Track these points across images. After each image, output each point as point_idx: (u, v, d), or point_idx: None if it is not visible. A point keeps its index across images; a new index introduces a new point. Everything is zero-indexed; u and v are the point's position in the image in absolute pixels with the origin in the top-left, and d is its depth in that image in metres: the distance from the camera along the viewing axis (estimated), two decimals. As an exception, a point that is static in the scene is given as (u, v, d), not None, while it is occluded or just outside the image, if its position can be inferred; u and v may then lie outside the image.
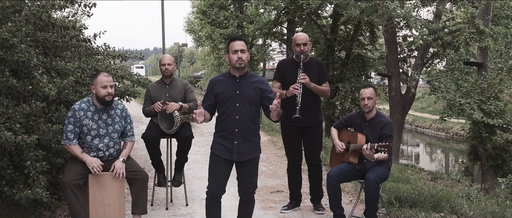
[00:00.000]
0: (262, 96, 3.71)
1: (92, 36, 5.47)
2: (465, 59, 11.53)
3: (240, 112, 3.66)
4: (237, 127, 3.66)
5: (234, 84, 3.70)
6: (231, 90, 3.68)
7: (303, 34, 4.89)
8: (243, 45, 3.67)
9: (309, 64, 4.79)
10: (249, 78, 3.74)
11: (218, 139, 3.76)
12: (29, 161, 3.88)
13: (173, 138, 5.08)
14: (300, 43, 4.75)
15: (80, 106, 3.99)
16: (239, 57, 3.63)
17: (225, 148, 3.71)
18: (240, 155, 3.70)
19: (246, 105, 3.67)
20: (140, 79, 6.00)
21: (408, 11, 11.17)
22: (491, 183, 10.71)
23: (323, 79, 4.83)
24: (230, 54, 3.68)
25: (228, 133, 3.70)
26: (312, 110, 4.80)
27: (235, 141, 3.68)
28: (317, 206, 5.01)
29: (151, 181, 5.03)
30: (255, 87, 3.70)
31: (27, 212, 4.32)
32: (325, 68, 4.97)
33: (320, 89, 4.76)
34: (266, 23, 18.16)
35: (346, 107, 17.15)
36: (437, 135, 25.95)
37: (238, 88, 3.69)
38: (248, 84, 3.70)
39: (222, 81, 3.75)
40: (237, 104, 3.66)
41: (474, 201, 5.73)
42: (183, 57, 70.84)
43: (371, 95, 4.42)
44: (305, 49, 4.74)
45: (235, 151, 3.69)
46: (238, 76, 3.72)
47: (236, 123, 3.66)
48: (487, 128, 10.37)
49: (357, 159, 4.45)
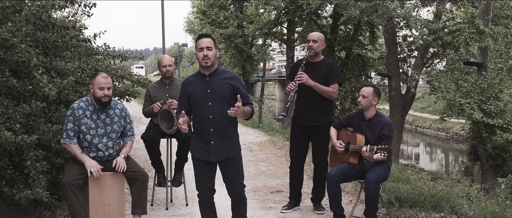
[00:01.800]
0: (235, 94, 3.61)
1: (92, 36, 5.47)
2: (465, 59, 11.53)
3: (213, 111, 3.59)
4: (212, 127, 3.60)
5: (204, 83, 3.63)
6: (202, 90, 3.62)
7: (316, 33, 4.93)
8: (209, 42, 3.59)
9: (319, 64, 4.80)
10: (220, 75, 3.66)
11: (196, 141, 3.70)
12: (29, 161, 3.88)
13: (173, 138, 5.08)
14: (310, 39, 4.81)
15: (79, 105, 3.99)
16: (204, 55, 3.55)
17: (203, 149, 3.65)
18: (218, 154, 3.64)
19: (219, 103, 3.59)
20: (140, 79, 6.00)
21: (408, 11, 11.17)
22: (491, 183, 10.71)
23: (331, 80, 4.80)
24: (197, 52, 3.62)
25: (204, 134, 3.64)
26: (318, 110, 4.78)
27: (211, 141, 3.62)
28: (317, 206, 5.01)
29: (151, 181, 5.03)
30: (226, 83, 3.63)
31: (27, 212, 4.32)
32: (336, 69, 4.89)
33: (322, 89, 4.73)
34: (266, 23, 18.16)
35: (346, 107, 17.15)
36: (437, 135, 25.96)
37: (208, 87, 3.61)
38: (218, 81, 3.63)
39: (193, 82, 3.68)
40: (210, 103, 3.59)
41: (474, 201, 5.72)
42: (183, 57, 70.82)
43: (366, 94, 4.42)
44: (314, 45, 4.77)
45: (212, 151, 3.63)
46: (208, 74, 3.64)
47: (211, 122, 3.60)
48: (487, 128, 10.37)
49: (357, 159, 4.45)
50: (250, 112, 3.67)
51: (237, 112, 3.45)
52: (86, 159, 3.96)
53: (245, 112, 3.56)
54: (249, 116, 3.68)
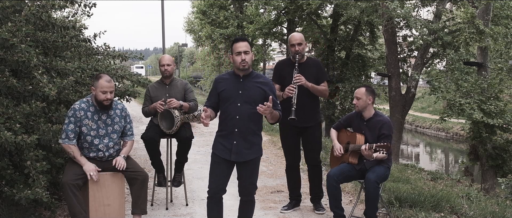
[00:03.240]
0: (265, 98, 3.67)
1: (92, 36, 5.47)
2: (465, 59, 11.52)
3: (240, 112, 3.64)
4: (237, 127, 3.65)
5: (238, 83, 3.69)
6: (234, 89, 3.68)
7: (298, 34, 4.86)
8: (246, 46, 3.65)
9: (306, 64, 4.78)
10: (254, 78, 3.73)
11: (219, 139, 3.75)
12: (29, 161, 3.87)
13: (173, 138, 5.08)
14: (295, 43, 4.73)
15: (80, 106, 3.99)
16: (242, 59, 3.62)
17: (225, 148, 3.70)
18: (238, 155, 3.68)
19: (248, 105, 3.64)
20: (140, 79, 6.00)
21: (408, 11, 11.16)
22: (491, 183, 10.70)
23: (321, 78, 4.82)
24: (234, 55, 3.67)
25: (228, 133, 3.69)
26: (309, 111, 4.79)
27: (234, 141, 3.66)
28: (317, 206, 5.01)
29: (151, 181, 5.03)
30: (258, 87, 3.69)
31: (27, 212, 4.32)
32: (323, 67, 4.96)
33: (317, 89, 4.75)
34: (266, 23, 18.17)
35: (346, 107, 17.15)
36: (437, 135, 25.96)
37: (241, 88, 3.67)
38: (252, 84, 3.69)
39: (226, 80, 3.75)
40: (239, 104, 3.65)
41: (474, 201, 5.72)
42: (183, 57, 70.83)
43: (359, 95, 4.43)
44: (300, 49, 4.72)
45: (233, 151, 3.67)
46: (242, 75, 3.71)
47: (236, 123, 3.65)
48: (487, 128, 10.36)
49: (356, 159, 4.45)
50: (278, 117, 3.72)
51: (266, 110, 3.49)
52: (84, 162, 3.95)
53: (273, 114, 3.63)
54: (276, 120, 3.74)
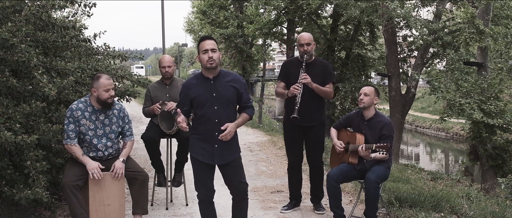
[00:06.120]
0: (238, 95, 3.67)
1: (92, 36, 5.47)
2: (465, 59, 11.52)
3: (219, 115, 3.59)
4: (217, 131, 3.57)
5: (209, 86, 3.61)
6: (207, 93, 3.60)
7: (307, 34, 4.89)
8: (213, 44, 3.59)
9: (313, 65, 4.79)
10: (223, 77, 3.66)
11: (198, 142, 3.67)
12: (29, 161, 3.87)
13: (173, 138, 5.08)
14: (303, 43, 4.75)
15: (78, 106, 3.98)
16: (209, 57, 3.54)
17: (206, 152, 3.65)
18: (222, 158, 3.65)
19: (225, 107, 3.61)
20: (140, 79, 6.00)
21: (408, 11, 11.16)
22: (491, 183, 10.70)
23: (327, 80, 4.81)
24: (200, 54, 3.59)
25: (208, 136, 3.63)
26: (314, 110, 4.78)
27: (215, 144, 3.61)
28: (317, 206, 5.01)
29: (151, 181, 5.03)
30: (230, 86, 3.64)
31: (27, 212, 4.32)
32: (330, 69, 4.95)
33: (322, 90, 4.74)
34: (266, 23, 18.15)
35: (346, 107, 17.15)
36: (437, 135, 25.96)
37: (214, 90, 3.60)
38: (223, 84, 3.63)
39: (196, 85, 3.64)
40: (215, 107, 3.59)
41: (474, 201, 5.72)
42: (183, 57, 70.83)
43: (368, 92, 4.43)
44: (309, 49, 4.74)
45: (216, 154, 3.63)
46: (212, 77, 3.63)
47: (216, 126, 3.58)
48: (487, 128, 10.36)
49: (356, 159, 4.45)
50: (247, 119, 3.75)
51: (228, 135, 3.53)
52: (87, 161, 3.95)
53: (239, 125, 3.66)
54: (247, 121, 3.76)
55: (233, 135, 3.65)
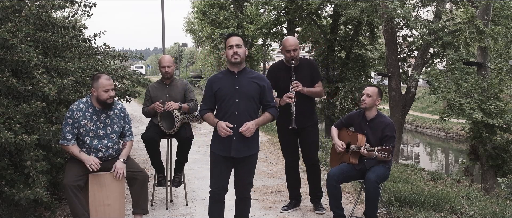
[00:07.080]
0: (261, 93, 3.71)
1: (92, 36, 5.47)
2: (465, 59, 11.53)
3: (239, 108, 3.65)
4: (236, 123, 3.63)
5: (233, 80, 3.70)
6: (230, 86, 3.68)
7: (293, 39, 4.81)
8: (239, 40, 3.68)
9: (300, 67, 4.77)
10: (248, 74, 3.74)
11: (218, 136, 3.73)
12: (29, 161, 3.87)
13: (173, 138, 5.08)
14: (290, 49, 4.68)
15: (79, 107, 3.98)
16: (234, 52, 3.64)
17: (224, 145, 3.69)
18: (238, 151, 3.68)
19: (246, 101, 3.66)
20: (140, 79, 6.00)
21: (408, 11, 11.17)
22: (491, 183, 10.71)
23: (316, 79, 4.83)
24: (227, 49, 3.71)
25: None
26: (305, 112, 4.79)
27: (233, 136, 3.65)
28: (317, 206, 5.01)
29: (151, 181, 5.03)
30: (254, 82, 3.70)
31: (27, 212, 4.32)
32: (317, 67, 4.98)
33: (314, 92, 4.77)
34: (266, 23, 18.16)
35: (346, 107, 17.16)
36: (437, 135, 25.95)
37: (237, 84, 3.68)
38: (247, 80, 3.70)
39: (220, 79, 3.75)
40: (237, 99, 3.66)
41: (474, 201, 5.72)
42: (183, 57, 70.83)
43: (371, 93, 4.43)
44: (295, 54, 4.69)
45: (233, 147, 3.67)
46: (237, 72, 3.72)
47: (235, 118, 3.64)
48: (487, 128, 10.36)
49: (357, 159, 4.45)
50: (269, 119, 3.76)
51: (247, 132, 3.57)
52: (84, 157, 3.95)
53: (260, 123, 3.68)
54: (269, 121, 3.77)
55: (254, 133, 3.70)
